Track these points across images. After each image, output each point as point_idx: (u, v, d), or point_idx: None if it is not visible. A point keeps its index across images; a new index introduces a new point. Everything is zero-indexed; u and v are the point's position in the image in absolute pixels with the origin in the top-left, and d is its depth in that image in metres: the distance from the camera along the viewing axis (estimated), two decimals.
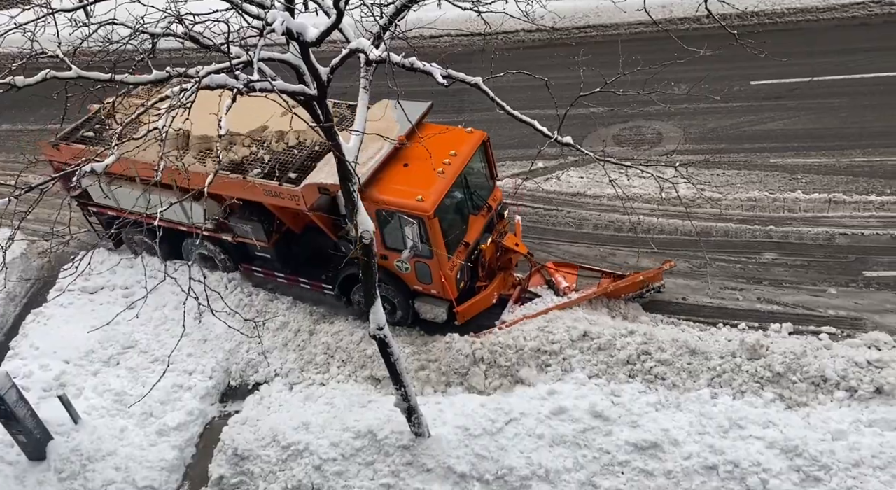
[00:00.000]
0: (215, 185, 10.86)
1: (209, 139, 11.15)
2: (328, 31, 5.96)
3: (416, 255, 10.43)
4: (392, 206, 10.18)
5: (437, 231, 10.19)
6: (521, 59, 17.93)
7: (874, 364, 9.44)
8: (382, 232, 10.50)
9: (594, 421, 9.58)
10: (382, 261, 10.87)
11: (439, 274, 10.67)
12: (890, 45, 16.37)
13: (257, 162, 10.93)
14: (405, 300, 11.33)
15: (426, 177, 10.36)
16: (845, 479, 8.39)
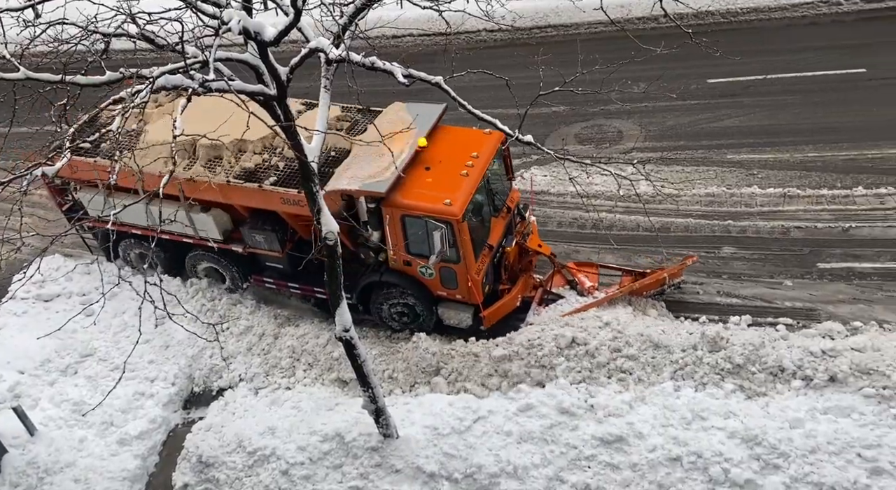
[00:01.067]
0: (231, 195, 10.64)
1: (218, 148, 10.77)
2: (286, 30, 5.90)
3: (444, 259, 10.19)
4: (419, 211, 9.91)
5: (466, 235, 9.97)
6: (483, 58, 17.99)
7: (828, 353, 9.74)
8: (406, 238, 10.30)
9: (561, 416, 9.68)
10: (405, 267, 10.73)
11: (466, 278, 10.43)
12: (837, 43, 16.90)
13: (271, 169, 10.56)
14: (428, 306, 11.05)
15: (450, 180, 10.15)
16: (803, 465, 8.64)
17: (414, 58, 19.37)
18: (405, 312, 11.37)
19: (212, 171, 10.67)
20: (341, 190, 9.94)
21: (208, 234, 11.33)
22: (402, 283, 10.87)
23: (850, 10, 18.09)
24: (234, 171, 10.64)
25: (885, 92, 15.17)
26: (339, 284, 8.28)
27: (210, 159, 10.87)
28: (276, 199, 10.26)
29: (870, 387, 9.27)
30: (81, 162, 10.98)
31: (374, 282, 10.96)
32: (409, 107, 11.12)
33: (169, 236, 11.63)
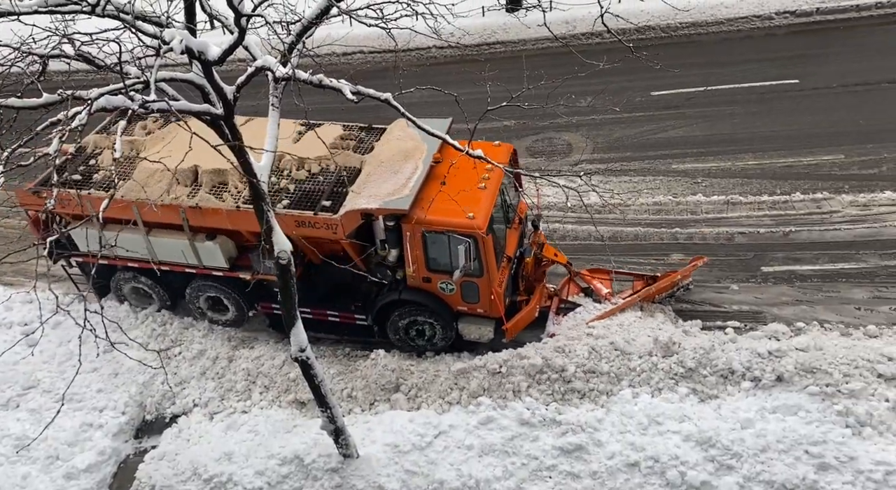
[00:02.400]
0: (241, 221, 10.31)
1: (223, 172, 10.51)
2: (231, 49, 5.85)
3: (467, 274, 10.05)
4: (442, 227, 9.77)
5: (490, 248, 9.89)
6: (433, 75, 18.13)
7: (774, 354, 10.06)
8: (426, 254, 10.16)
9: (521, 428, 9.73)
10: (424, 284, 10.53)
11: (489, 292, 10.32)
12: (771, 56, 17.66)
13: (282, 192, 10.33)
14: (448, 323, 10.88)
15: (469, 193, 10.00)
16: (755, 464, 8.88)
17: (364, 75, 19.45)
18: (423, 331, 11.23)
19: (218, 197, 10.34)
20: (361, 209, 9.74)
21: (214, 262, 10.92)
22: (422, 300, 10.65)
23: (782, 24, 18.96)
24: (242, 195, 10.32)
25: (817, 101, 15.90)
26: (293, 304, 8.18)
27: (215, 185, 10.57)
28: (290, 222, 9.90)
29: (814, 385, 9.62)
30: (70, 195, 10.39)
31: (392, 301, 10.77)
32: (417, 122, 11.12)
33: (169, 267, 11.16)
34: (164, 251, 10.98)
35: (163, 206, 10.17)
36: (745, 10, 19.22)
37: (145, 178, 10.36)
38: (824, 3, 18.97)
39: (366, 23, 7.05)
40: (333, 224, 9.82)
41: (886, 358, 9.76)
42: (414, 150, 10.52)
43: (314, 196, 10.25)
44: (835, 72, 16.63)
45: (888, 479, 8.58)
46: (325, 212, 9.92)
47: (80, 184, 10.92)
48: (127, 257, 10.88)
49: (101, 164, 11.24)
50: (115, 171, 11.04)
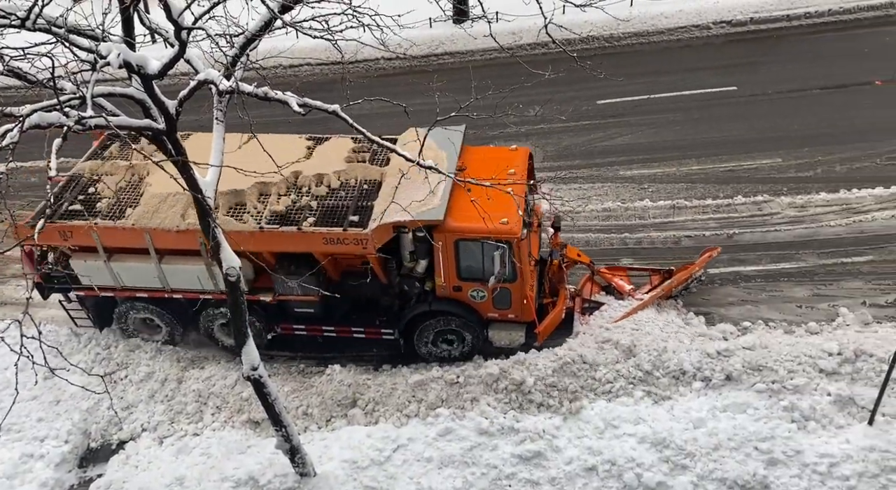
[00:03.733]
0: (264, 242, 9.95)
1: (240, 193, 10.17)
2: (171, 63, 5.71)
3: (502, 280, 9.98)
4: (476, 234, 9.67)
5: (524, 253, 9.89)
6: (382, 86, 18.11)
7: (723, 354, 10.34)
8: (458, 262, 10.06)
9: (480, 437, 9.73)
10: (455, 293, 10.42)
11: (521, 296, 10.29)
12: (710, 64, 18.26)
13: (305, 210, 10.08)
14: (478, 331, 10.82)
15: (497, 199, 9.75)
16: (708, 463, 9.08)
17: (311, 87, 19.28)
18: (451, 340, 11.16)
19: (238, 218, 10.00)
20: (393, 222, 9.57)
21: None
22: (453, 310, 10.60)
23: (719, 34, 19.63)
24: (263, 216, 10.03)
25: (754, 107, 16.50)
26: (244, 321, 8.00)
27: (232, 207, 10.23)
28: (317, 240, 9.75)
29: (761, 382, 9.91)
30: (76, 226, 10.07)
31: (422, 312, 10.65)
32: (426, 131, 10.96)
33: (182, 295, 10.74)
34: (177, 279, 10.57)
35: (178, 232, 9.86)
36: (683, 20, 19.83)
37: (157, 204, 10.03)
38: (758, 12, 19.74)
39: (311, 34, 6.98)
40: (364, 239, 9.62)
41: (827, 353, 10.14)
42: (434, 159, 10.31)
43: (339, 211, 10.04)
44: (770, 79, 17.29)
45: (832, 471, 8.89)
46: (354, 227, 9.74)
47: (84, 214, 10.40)
48: (136, 287, 10.50)
49: (103, 193, 10.71)
50: (121, 199, 10.57)
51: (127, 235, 10.03)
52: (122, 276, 10.62)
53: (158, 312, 11.32)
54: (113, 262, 10.49)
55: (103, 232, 10.08)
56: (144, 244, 10.17)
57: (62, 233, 10.13)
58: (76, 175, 11.03)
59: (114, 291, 10.89)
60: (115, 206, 10.41)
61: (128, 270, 10.54)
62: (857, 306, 11.48)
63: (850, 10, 19.42)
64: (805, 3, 19.70)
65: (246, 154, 9.21)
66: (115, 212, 10.32)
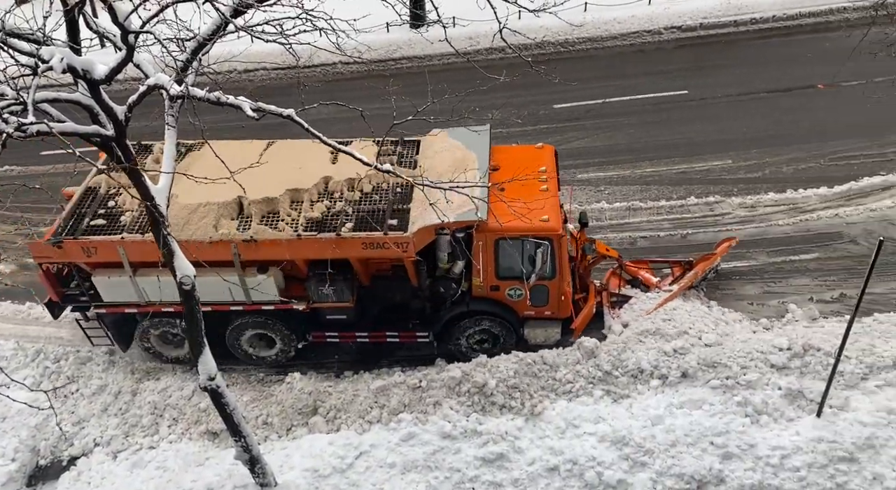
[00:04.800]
0: (301, 249, 9.77)
1: (273, 201, 9.93)
2: (118, 67, 5.58)
3: (541, 277, 10.07)
4: (518, 232, 9.72)
5: (564, 249, 10.01)
6: (339, 90, 18.03)
7: (679, 351, 10.57)
8: (497, 261, 10.07)
9: (443, 441, 9.72)
10: (492, 292, 10.45)
11: (559, 293, 10.37)
12: (662, 68, 18.70)
13: (341, 215, 9.94)
14: (514, 329, 10.84)
15: (533, 197, 9.96)
16: (666, 459, 9.26)
17: (266, 91, 19.04)
18: (485, 340, 11.14)
19: (273, 227, 9.78)
20: (435, 224, 9.47)
21: (265, 296, 10.23)
22: (490, 309, 10.63)
23: (670, 39, 20.12)
24: (299, 223, 9.83)
25: (705, 110, 16.95)
26: (200, 330, 7.84)
27: (264, 215, 9.99)
28: (356, 245, 9.66)
29: (715, 378, 10.16)
30: (101, 242, 9.67)
31: (462, 313, 10.63)
32: (451, 132, 11.02)
33: (212, 307, 10.32)
34: (206, 291, 10.10)
35: (211, 243, 9.65)
36: (636, 26, 20.26)
37: (187, 216, 9.78)
38: (707, 18, 20.29)
39: (264, 39, 6.90)
40: (405, 242, 9.57)
41: (777, 349, 10.45)
42: (466, 160, 10.46)
43: (376, 216, 9.97)
44: (719, 82, 17.79)
45: (784, 463, 9.16)
46: (394, 231, 9.66)
47: (108, 229, 10.07)
48: (162, 302, 10.18)
49: (124, 206, 10.39)
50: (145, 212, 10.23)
51: (156, 249, 9.80)
52: (148, 291, 10.25)
53: (182, 327, 10.93)
54: (138, 277, 10.13)
55: (130, 247, 9.77)
56: None
57: (86, 249, 9.76)
58: (91, 188, 10.67)
59: (138, 307, 10.53)
60: (139, 220, 10.11)
61: (154, 285, 10.16)
62: (804, 302, 11.87)
63: (792, 17, 20.13)
64: (751, 10, 20.34)
65: (266, 159, 9.27)
66: (141, 225, 10.03)
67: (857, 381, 10.03)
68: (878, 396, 9.72)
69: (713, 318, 11.25)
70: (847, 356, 10.08)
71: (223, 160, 6.81)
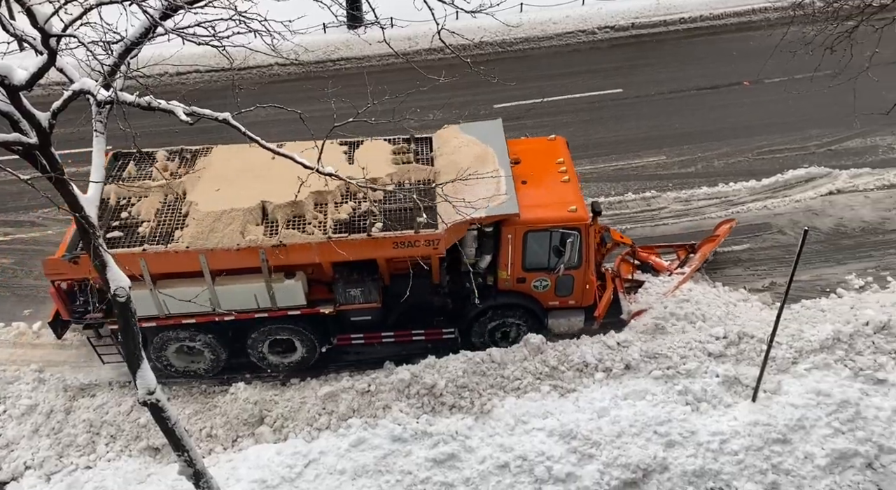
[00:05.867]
0: (329, 252, 9.51)
1: (298, 204, 9.73)
2: (40, 72, 5.32)
3: (569, 267, 10.23)
4: (547, 224, 9.90)
5: (591, 238, 10.19)
6: (276, 92, 17.71)
7: (622, 344, 10.84)
8: (524, 254, 10.19)
9: (394, 444, 9.68)
10: (518, 285, 10.57)
11: (584, 282, 10.59)
12: (597, 67, 19.13)
13: (368, 216, 9.88)
14: (539, 320, 10.97)
15: (557, 188, 10.17)
16: (612, 450, 9.48)
17: (201, 94, 18.54)
18: (509, 332, 11.25)
19: (301, 230, 9.65)
20: (466, 219, 9.43)
21: (292, 301, 10.08)
22: (518, 301, 10.73)
23: (604, 38, 20.59)
24: (327, 225, 9.74)
25: (639, 108, 17.43)
26: (137, 343, 7.55)
27: (290, 219, 9.81)
28: (387, 245, 9.65)
29: (657, 369, 10.47)
30: (121, 255, 9.14)
31: (490, 307, 10.68)
32: (463, 127, 11.11)
33: (235, 316, 10.08)
34: (230, 300, 9.99)
35: (239, 250, 9.43)
36: (570, 26, 20.65)
37: (211, 223, 9.44)
38: (638, 18, 20.87)
39: (196, 41, 6.70)
40: (436, 239, 9.57)
41: (714, 337, 10.85)
42: (485, 154, 10.50)
43: (403, 214, 9.93)
44: (652, 81, 18.33)
45: (723, 447, 9.52)
46: (425, 228, 9.64)
47: (126, 241, 9.65)
48: (182, 314, 9.90)
49: (139, 216, 10.03)
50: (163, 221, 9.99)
51: (180, 259, 9.50)
52: (169, 304, 9.90)
53: (204, 339, 10.63)
54: (158, 290, 9.77)
55: (152, 258, 9.46)
56: (197, 267, 9.62)
57: None
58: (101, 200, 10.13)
59: (157, 321, 10.15)
60: (158, 230, 9.79)
61: (178, 296, 9.80)
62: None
63: (718, 17, 20.92)
64: (679, 10, 21.04)
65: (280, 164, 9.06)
66: (161, 235, 9.71)
67: (788, 366, 10.52)
68: (807, 379, 10.21)
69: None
70: (778, 342, 10.56)
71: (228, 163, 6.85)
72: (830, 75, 12.23)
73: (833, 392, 9.91)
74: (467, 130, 11.11)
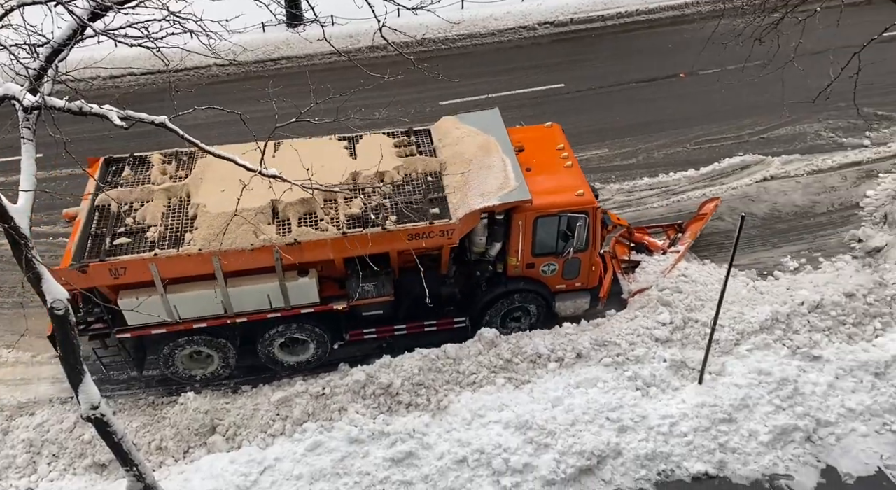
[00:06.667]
0: (344, 247, 9.42)
1: (309, 202, 9.69)
2: None
3: (578, 250, 10.47)
4: (557, 208, 10.09)
5: (597, 221, 10.37)
6: (215, 94, 17.30)
7: (572, 334, 11.04)
8: (534, 240, 10.37)
9: (351, 446, 9.62)
10: (528, 271, 10.75)
11: (590, 264, 10.84)
12: (539, 63, 19.36)
13: (380, 209, 9.86)
14: (546, 304, 11.16)
15: (562, 173, 10.39)
16: (567, 438, 9.65)
17: (139, 97, 17.97)
18: (519, 317, 11.44)
19: (314, 227, 9.59)
20: (480, 208, 9.64)
21: (305, 299, 10.02)
22: (527, 287, 10.92)
23: (545, 34, 20.85)
24: (340, 221, 9.72)
25: (580, 102, 17.73)
26: (78, 357, 7.28)
27: (302, 216, 9.71)
28: (402, 237, 9.62)
29: (607, 357, 10.72)
30: (131, 261, 9.11)
31: (499, 294, 10.80)
32: (461, 118, 11.33)
33: (247, 318, 10.04)
34: (243, 301, 9.82)
35: (253, 251, 9.26)
36: (511, 22, 20.83)
37: (223, 225, 9.11)
38: (577, 13, 21.21)
39: (128, 43, 6.49)
40: (450, 229, 9.65)
41: (661, 324, 11.16)
42: (488, 144, 10.53)
43: (414, 206, 9.92)
44: (592, 75, 18.66)
45: (673, 430, 9.82)
46: (439, 219, 9.68)
47: (135, 247, 9.47)
48: (194, 318, 9.73)
49: (145, 221, 9.69)
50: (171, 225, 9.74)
51: (192, 263, 9.29)
52: (180, 308, 9.65)
53: (215, 342, 10.38)
54: (170, 295, 9.51)
55: (164, 263, 9.17)
56: (209, 270, 9.39)
57: (113, 271, 9.13)
58: (100, 207, 9.89)
59: (167, 327, 9.84)
60: (167, 234, 9.52)
61: (186, 301, 9.63)
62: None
63: (653, 10, 21.45)
64: (616, 4, 21.47)
65: (282, 161, 9.17)
66: (171, 239, 9.43)
67: (731, 348, 10.91)
68: (749, 359, 10.62)
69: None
70: (721, 325, 10.94)
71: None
72: (760, 66, 12.73)
73: (773, 371, 10.34)
74: (466, 121, 11.33)
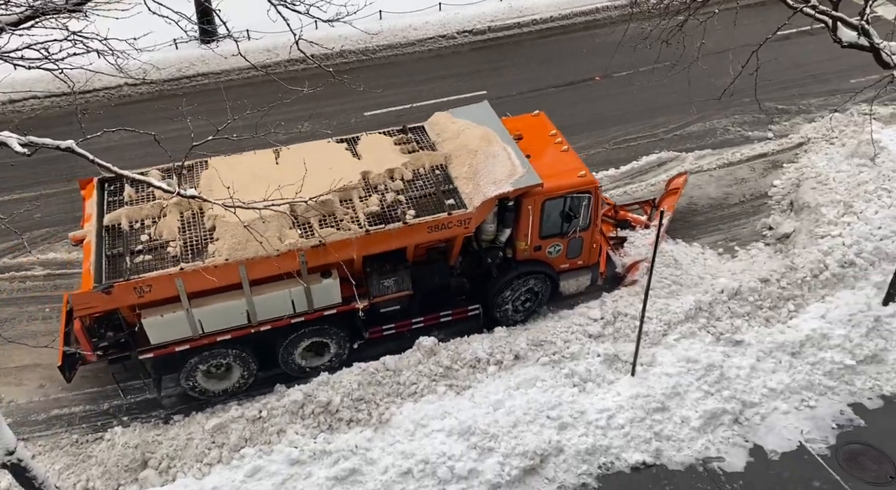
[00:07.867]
0: (367, 245, 9.72)
1: (328, 203, 9.68)
2: None
3: (582, 228, 10.94)
4: (563, 190, 10.58)
5: (598, 200, 10.81)
6: (127, 115, 16.65)
7: (508, 337, 11.17)
8: (542, 222, 10.74)
9: (292, 468, 9.40)
10: (535, 253, 11.16)
11: (591, 242, 11.31)
12: (460, 71, 19.59)
13: (397, 204, 10.13)
14: (553, 283, 11.53)
15: (560, 157, 11.00)
16: (510, 440, 9.74)
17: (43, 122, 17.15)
18: (528, 299, 11.70)
19: (336, 227, 9.65)
20: (495, 196, 10.00)
21: (328, 301, 10.12)
22: (536, 269, 11.27)
23: (465, 43, 21.13)
24: (360, 220, 9.82)
25: (502, 108, 17.63)
26: None
27: (322, 218, 9.76)
28: (422, 230, 9.91)
29: (544, 356, 10.91)
30: (157, 278, 8.90)
31: (511, 278, 11.11)
32: (453, 112, 11.69)
33: (271, 325, 9.97)
34: (268, 308, 9.55)
35: (279, 256, 9.01)
36: (431, 31, 21.00)
37: (244, 233, 8.74)
38: (493, 21, 21.59)
39: (25, 65, 6.18)
40: (468, 219, 9.97)
41: (592, 320, 11.46)
42: (487, 134, 10.89)
43: (430, 199, 10.24)
44: (512, 81, 19.03)
45: (610, 423, 10.08)
46: (456, 210, 9.96)
47: (158, 263, 9.19)
48: (218, 331, 9.48)
49: (161, 237, 9.29)
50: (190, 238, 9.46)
51: (218, 274, 9.05)
52: (205, 322, 9.29)
53: (238, 354, 10.29)
54: (194, 309, 9.16)
55: (190, 277, 8.80)
56: (234, 279, 9.10)
57: (138, 289, 8.75)
58: (110, 227, 9.46)
59: (190, 342, 9.47)
60: (188, 248, 9.19)
61: (211, 313, 9.29)
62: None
63: (566, 16, 22.09)
64: (531, 11, 21.99)
65: (285, 166, 9.26)
66: (194, 252, 9.12)
67: (659, 338, 11.31)
68: (676, 348, 11.03)
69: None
70: (649, 317, 11.33)
71: None
72: (669, 66, 13.30)
73: (700, 358, 10.78)
74: (458, 115, 11.69)
